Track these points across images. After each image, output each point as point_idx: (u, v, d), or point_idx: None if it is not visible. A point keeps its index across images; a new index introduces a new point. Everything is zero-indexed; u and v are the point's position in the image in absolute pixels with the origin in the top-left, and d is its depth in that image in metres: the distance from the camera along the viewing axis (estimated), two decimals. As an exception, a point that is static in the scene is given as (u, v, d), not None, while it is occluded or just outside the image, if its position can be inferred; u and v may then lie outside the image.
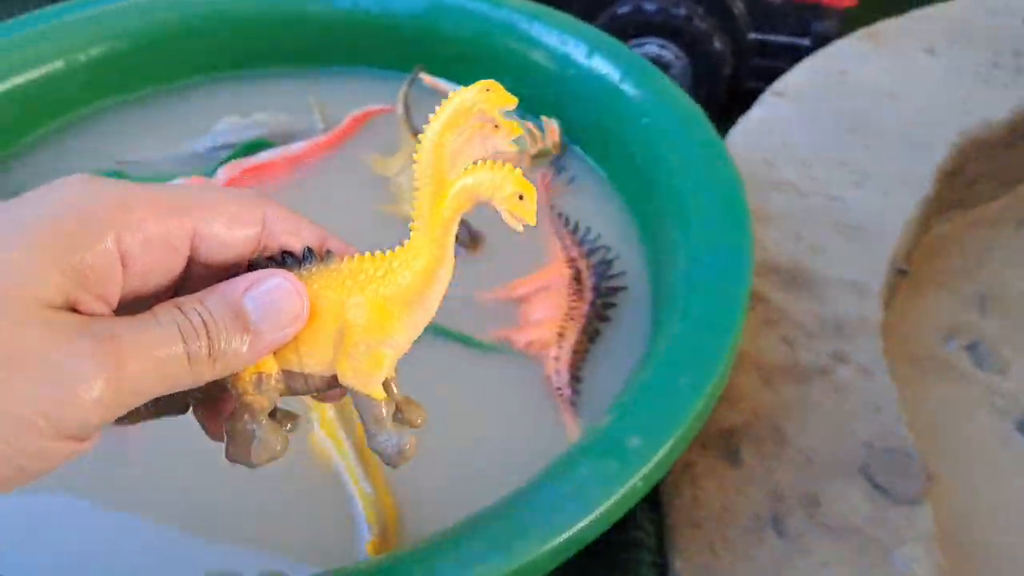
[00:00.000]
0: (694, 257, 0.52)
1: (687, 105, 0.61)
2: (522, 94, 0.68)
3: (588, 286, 0.59)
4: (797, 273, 0.63)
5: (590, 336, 0.56)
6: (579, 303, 0.57)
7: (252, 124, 0.72)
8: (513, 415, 0.53)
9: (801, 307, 0.60)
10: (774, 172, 0.70)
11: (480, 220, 0.62)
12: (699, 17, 0.82)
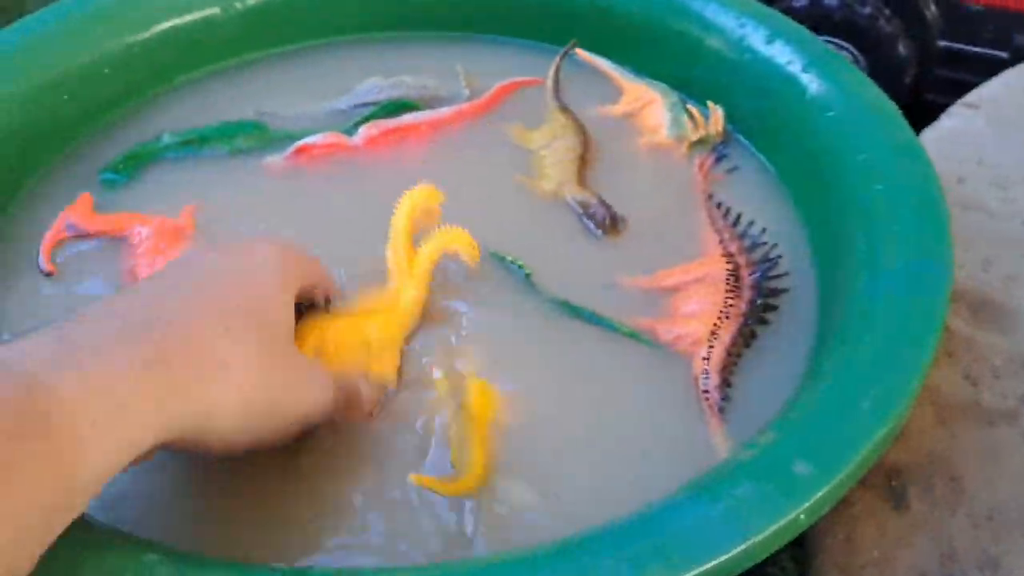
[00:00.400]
0: (883, 267, 0.46)
1: (881, 102, 0.54)
2: (689, 77, 0.66)
3: (747, 284, 0.52)
4: (986, 303, 0.55)
5: (746, 339, 0.50)
6: (737, 301, 0.51)
7: (396, 84, 0.69)
8: (653, 412, 0.46)
9: (989, 341, 0.53)
10: (965, 190, 0.62)
11: (626, 203, 0.57)
12: (885, 18, 0.75)
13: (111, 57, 0.65)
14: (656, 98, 0.65)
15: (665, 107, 0.64)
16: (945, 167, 0.64)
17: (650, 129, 0.64)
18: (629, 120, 0.65)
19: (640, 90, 0.66)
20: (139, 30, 0.66)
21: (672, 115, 0.63)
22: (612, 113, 0.66)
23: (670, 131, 0.63)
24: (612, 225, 0.55)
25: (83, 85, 0.63)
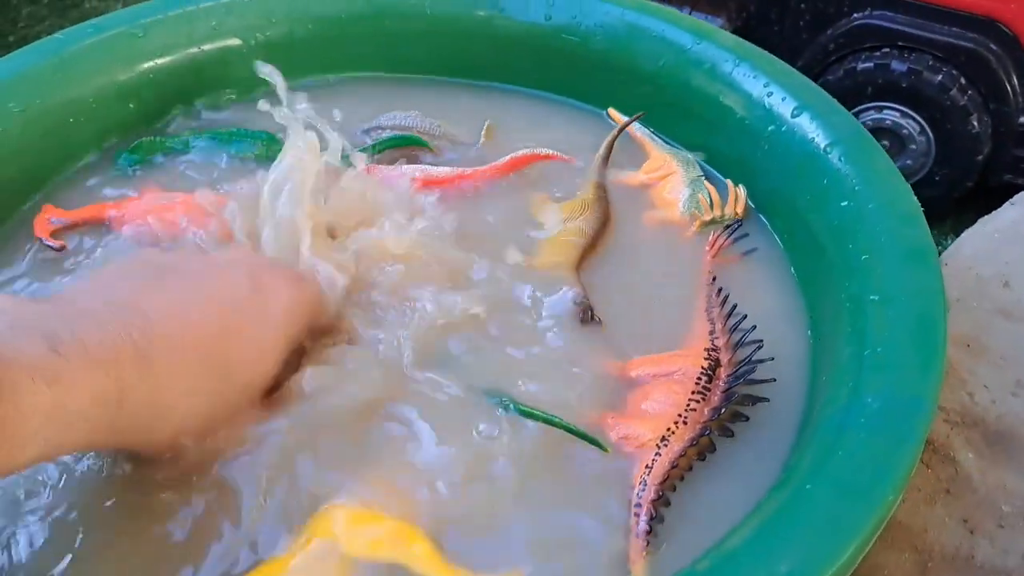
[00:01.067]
0: (861, 398, 0.40)
1: (902, 196, 0.48)
2: (709, 144, 0.61)
3: (720, 387, 0.46)
4: (1005, 435, 0.48)
5: (700, 451, 0.44)
6: (701, 406, 0.45)
7: (414, 117, 0.66)
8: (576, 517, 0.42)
9: (1000, 482, 0.46)
10: (1008, 295, 0.55)
11: (626, 278, 0.53)
12: (959, 88, 0.68)
13: (134, 83, 0.64)
14: (677, 171, 0.60)
15: (684, 182, 0.59)
16: (991, 267, 0.57)
17: (665, 203, 0.59)
18: (647, 190, 0.61)
19: (663, 160, 0.61)
20: (162, 56, 0.65)
21: (689, 191, 0.58)
22: (630, 182, 0.61)
23: (684, 208, 0.58)
24: (590, 318, 0.51)
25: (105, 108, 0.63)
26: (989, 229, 0.60)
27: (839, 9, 0.72)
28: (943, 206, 0.73)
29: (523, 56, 0.69)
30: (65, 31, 0.63)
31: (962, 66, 0.67)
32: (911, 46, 0.69)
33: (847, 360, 0.43)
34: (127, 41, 0.64)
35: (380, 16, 0.69)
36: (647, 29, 0.64)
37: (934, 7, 0.68)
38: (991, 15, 0.66)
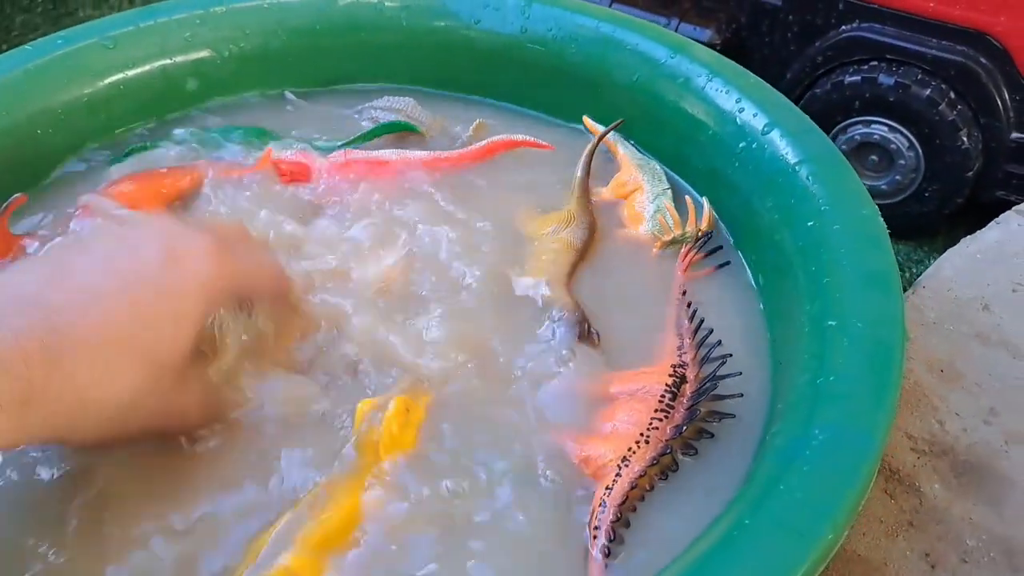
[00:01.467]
0: (809, 424, 0.38)
1: (869, 219, 0.46)
2: (680, 155, 0.60)
3: (684, 404, 0.45)
4: (976, 465, 0.46)
5: (662, 470, 0.42)
6: (663, 424, 0.44)
7: (411, 104, 0.66)
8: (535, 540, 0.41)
9: (966, 515, 0.44)
10: (987, 319, 0.53)
11: (601, 293, 0.53)
12: (948, 102, 0.66)
13: (103, 95, 0.64)
14: (643, 187, 0.59)
15: (648, 198, 0.58)
16: (971, 289, 0.55)
17: (630, 219, 0.58)
18: (616, 206, 0.60)
19: (632, 173, 0.60)
20: (132, 67, 0.65)
21: (653, 208, 0.57)
22: (601, 197, 0.60)
23: (647, 226, 0.57)
24: (589, 339, 0.49)
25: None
26: (972, 250, 0.58)
27: (827, 21, 0.71)
28: (934, 222, 0.71)
29: (500, 68, 0.68)
30: (35, 42, 0.63)
31: (951, 80, 0.65)
32: (899, 59, 0.67)
33: (803, 387, 0.42)
34: (97, 53, 0.63)
35: (355, 28, 0.68)
36: (622, 42, 0.62)
37: (923, 20, 0.66)
38: (981, 28, 0.64)
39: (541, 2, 0.65)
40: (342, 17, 0.68)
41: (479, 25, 0.67)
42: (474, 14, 0.67)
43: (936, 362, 0.51)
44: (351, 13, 0.68)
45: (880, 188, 0.71)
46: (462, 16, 0.67)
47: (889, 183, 0.71)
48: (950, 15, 0.65)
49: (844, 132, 0.72)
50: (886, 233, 0.46)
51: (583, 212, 0.58)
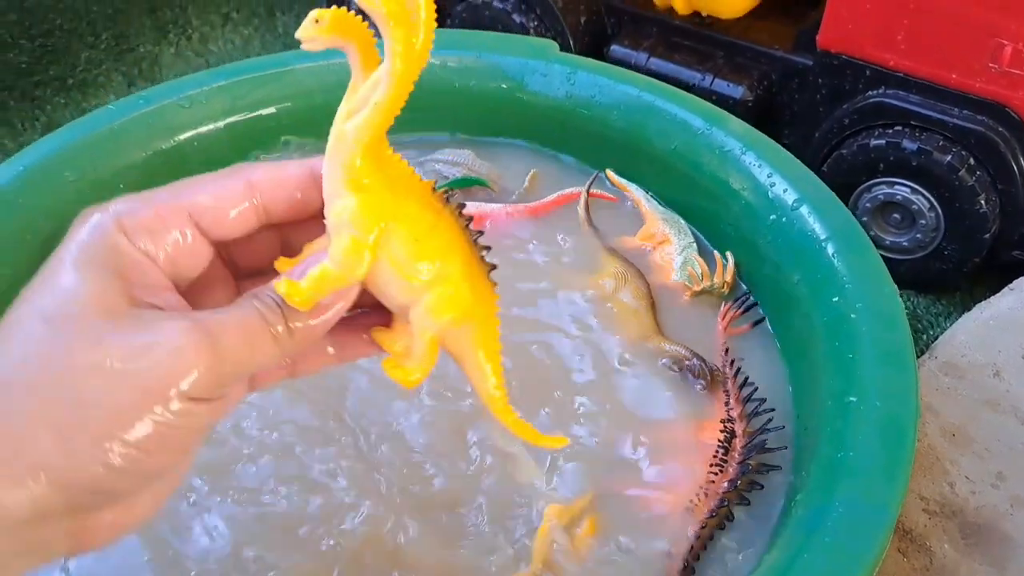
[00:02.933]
0: (830, 497, 0.43)
1: (888, 299, 0.51)
2: (715, 223, 0.64)
3: (736, 458, 0.50)
4: (983, 527, 0.51)
5: (721, 521, 0.48)
6: (719, 477, 0.50)
7: (471, 157, 0.71)
8: None
9: (972, 573, 0.49)
10: (997, 385, 0.57)
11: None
12: (967, 169, 0.70)
13: (179, 151, 0.69)
14: (670, 239, 0.63)
15: (676, 250, 0.63)
16: (983, 355, 0.59)
17: (660, 269, 0.63)
18: (644, 255, 0.65)
19: (657, 225, 0.65)
20: (204, 125, 0.70)
21: (681, 259, 0.62)
22: (627, 245, 0.65)
23: (677, 276, 0.62)
24: (712, 379, 0.55)
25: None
26: (985, 316, 0.62)
27: (855, 86, 0.75)
28: (952, 279, 0.75)
29: (546, 127, 0.72)
30: (117, 103, 0.68)
31: (971, 147, 0.69)
32: (923, 126, 0.71)
33: (824, 459, 0.46)
34: (173, 112, 0.69)
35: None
36: (662, 110, 0.67)
37: (946, 90, 0.70)
38: (1000, 100, 0.68)
39: (586, 70, 0.70)
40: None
41: (527, 88, 0.72)
42: (522, 78, 0.72)
43: (949, 427, 0.56)
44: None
45: (902, 244, 0.75)
46: (511, 79, 0.72)
47: (910, 240, 0.75)
48: (971, 87, 0.69)
49: (869, 191, 0.75)
50: (903, 312, 0.50)
51: (626, 264, 0.63)
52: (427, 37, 0.31)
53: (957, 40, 0.68)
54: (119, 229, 0.31)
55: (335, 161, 0.32)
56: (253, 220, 0.35)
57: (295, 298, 0.31)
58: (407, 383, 0.35)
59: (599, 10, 0.89)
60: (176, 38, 1.12)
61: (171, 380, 0.29)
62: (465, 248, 0.34)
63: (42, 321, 0.29)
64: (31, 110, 1.01)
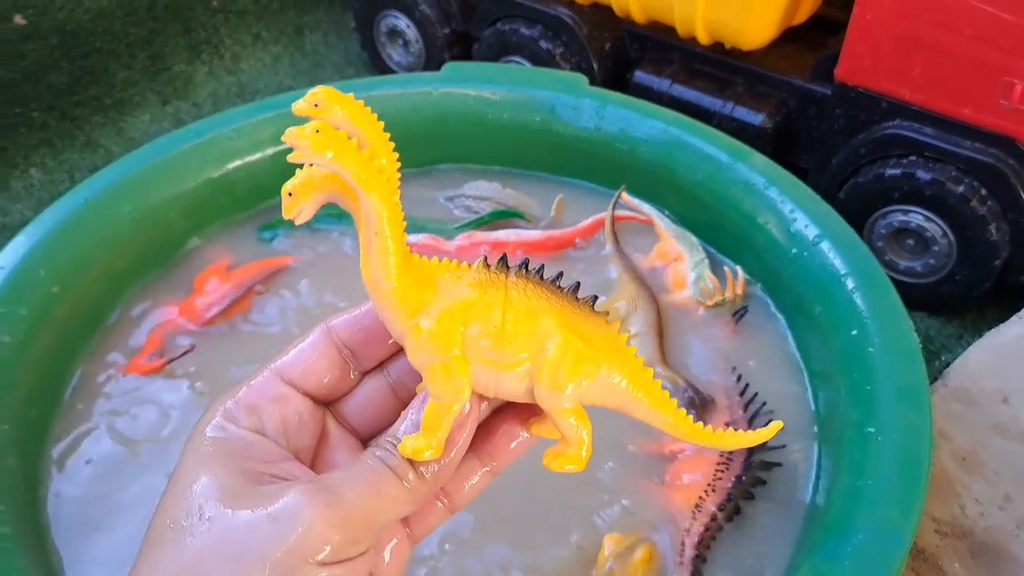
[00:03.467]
0: (849, 525, 0.46)
1: (905, 335, 0.54)
2: (737, 253, 0.68)
3: (739, 457, 0.54)
4: (991, 547, 0.54)
5: (729, 514, 0.53)
6: (725, 474, 0.54)
7: (498, 189, 0.74)
8: None
9: (982, 593, 0.52)
10: (1006, 411, 0.61)
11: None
12: (978, 199, 0.73)
13: (227, 180, 0.72)
14: (683, 256, 0.67)
15: (689, 267, 0.66)
16: (993, 382, 0.63)
17: (676, 286, 0.67)
18: (659, 272, 0.69)
19: (671, 244, 0.69)
20: (251, 154, 0.73)
21: (695, 275, 0.66)
22: (643, 264, 0.69)
23: (691, 291, 0.66)
24: (703, 409, 0.58)
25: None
26: (995, 343, 0.65)
27: (871, 117, 0.78)
28: (965, 303, 0.79)
29: (576, 157, 0.76)
30: (169, 135, 0.72)
31: (983, 178, 0.72)
32: (936, 157, 0.74)
33: (844, 487, 0.49)
34: (222, 143, 0.72)
35: (446, 121, 0.76)
36: (688, 144, 0.70)
37: (959, 123, 0.73)
38: (1010, 135, 0.71)
39: (615, 104, 0.73)
40: (434, 110, 0.76)
41: (558, 119, 0.75)
42: (553, 111, 0.75)
43: (960, 451, 0.59)
44: (441, 105, 0.77)
45: (915, 269, 0.79)
46: (543, 113, 0.75)
47: (923, 265, 0.78)
48: (983, 121, 0.72)
49: (884, 218, 0.79)
50: (919, 348, 0.54)
51: (642, 288, 0.66)
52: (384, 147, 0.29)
53: (970, 77, 0.71)
54: (225, 417, 0.32)
55: (381, 304, 0.31)
56: (344, 365, 0.34)
57: (423, 453, 0.30)
58: (578, 468, 0.32)
59: (623, 37, 0.93)
60: (209, 57, 1.16)
61: (298, 545, 0.29)
62: (552, 301, 0.32)
63: (172, 528, 0.29)
64: (71, 129, 1.04)
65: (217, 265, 0.70)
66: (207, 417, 0.32)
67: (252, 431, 0.32)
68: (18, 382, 0.56)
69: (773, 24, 0.83)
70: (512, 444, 0.34)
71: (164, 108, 1.10)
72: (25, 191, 0.97)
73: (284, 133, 0.27)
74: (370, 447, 0.32)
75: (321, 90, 0.28)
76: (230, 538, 0.29)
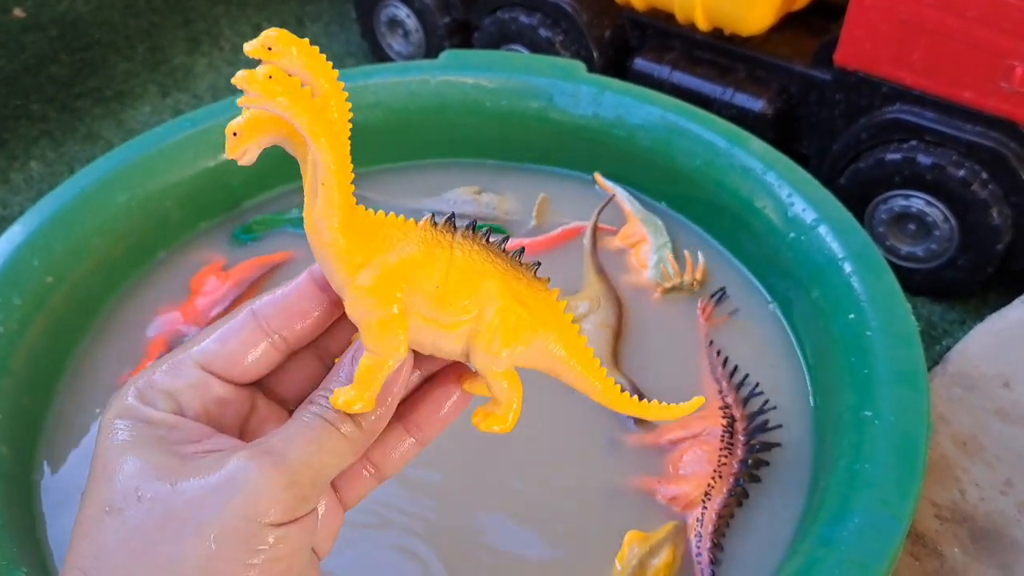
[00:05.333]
0: (846, 508, 0.46)
1: (902, 318, 0.53)
2: (739, 241, 0.67)
3: (740, 440, 0.54)
4: (992, 531, 0.53)
5: (738, 499, 0.52)
6: (729, 459, 0.53)
7: (475, 201, 0.73)
8: None
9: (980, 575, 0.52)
10: (1007, 396, 0.60)
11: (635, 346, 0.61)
12: (980, 183, 0.72)
13: (224, 170, 0.72)
14: (647, 239, 0.67)
15: (652, 249, 0.66)
16: (994, 367, 0.62)
17: (636, 268, 0.67)
18: (623, 254, 0.69)
19: (637, 227, 0.69)
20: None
21: (656, 258, 0.65)
22: (610, 246, 0.69)
23: (650, 274, 0.66)
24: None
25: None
26: (997, 327, 0.65)
27: (871, 102, 0.77)
28: (966, 287, 0.78)
29: (573, 145, 0.75)
30: (165, 125, 0.71)
31: (984, 162, 0.72)
32: (937, 141, 0.73)
33: (841, 471, 0.49)
34: (219, 132, 0.72)
35: (444, 109, 0.76)
36: (685, 130, 0.70)
37: (960, 107, 0.72)
38: (1011, 117, 0.70)
39: (613, 91, 0.73)
40: (433, 99, 0.76)
41: (555, 106, 0.74)
42: (551, 98, 0.74)
43: (960, 436, 0.58)
44: (442, 96, 0.76)
45: (917, 254, 0.78)
46: (540, 99, 0.75)
47: (925, 250, 0.78)
48: (984, 104, 0.71)
49: (885, 203, 0.78)
50: (917, 331, 0.53)
51: (608, 290, 0.66)
52: (337, 98, 0.28)
53: (970, 60, 0.70)
54: (142, 401, 0.31)
55: (322, 255, 0.30)
56: (273, 353, 0.33)
57: (354, 406, 0.30)
58: (504, 430, 0.33)
59: (623, 25, 0.92)
60: (209, 49, 1.15)
61: (249, 510, 0.28)
62: (495, 264, 0.31)
63: (109, 512, 0.29)
64: (71, 121, 1.05)
65: (213, 265, 0.69)
66: (119, 404, 0.31)
67: (171, 414, 0.31)
68: (12, 370, 0.56)
69: (772, 9, 0.82)
70: (440, 413, 0.34)
71: (164, 100, 1.10)
72: (25, 183, 0.98)
73: (234, 76, 0.26)
74: (303, 404, 0.32)
75: (276, 32, 0.27)
76: (176, 513, 0.28)
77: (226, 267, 0.69)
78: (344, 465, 0.31)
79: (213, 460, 0.29)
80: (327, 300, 0.32)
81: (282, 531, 0.29)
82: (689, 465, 0.54)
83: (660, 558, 0.49)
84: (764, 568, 0.49)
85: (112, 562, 0.28)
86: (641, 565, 0.49)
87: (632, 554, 0.49)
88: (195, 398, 0.32)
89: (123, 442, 0.30)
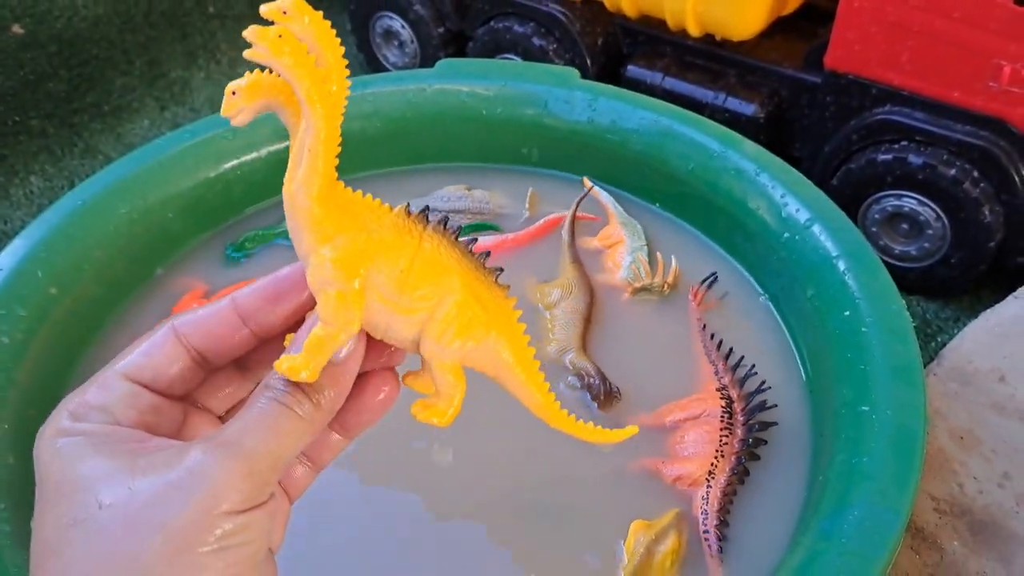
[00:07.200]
0: (844, 503, 0.46)
1: (897, 314, 0.54)
2: (733, 241, 0.68)
3: (739, 420, 0.55)
4: (990, 524, 0.54)
5: (740, 477, 0.53)
6: (730, 439, 0.54)
7: (468, 197, 0.74)
8: None
9: (981, 568, 0.52)
10: (1003, 390, 0.61)
11: (629, 335, 0.61)
12: (971, 181, 0.73)
13: (224, 179, 0.73)
14: (623, 240, 0.68)
15: (627, 251, 0.67)
16: (989, 361, 0.63)
17: (610, 268, 0.69)
18: (600, 254, 0.70)
19: (616, 229, 0.70)
20: (247, 153, 0.74)
21: (629, 260, 0.66)
22: (588, 246, 0.71)
23: (622, 274, 0.67)
24: (606, 400, 0.58)
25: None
26: (991, 323, 0.65)
27: (861, 104, 0.78)
28: (960, 285, 0.79)
29: (568, 150, 0.76)
30: (165, 136, 0.72)
31: (975, 161, 0.72)
32: (927, 141, 0.74)
33: (840, 465, 0.50)
34: (218, 143, 0.73)
35: (441, 117, 0.77)
36: (679, 134, 0.71)
37: (949, 107, 0.73)
38: (1000, 116, 0.71)
39: (607, 97, 0.74)
40: (431, 107, 0.77)
41: (550, 113, 0.75)
42: (545, 105, 0.75)
43: (957, 430, 0.59)
44: (440, 104, 0.77)
45: (910, 253, 0.79)
46: (535, 106, 0.76)
47: (918, 249, 0.78)
48: (973, 103, 0.72)
49: (877, 203, 0.79)
50: (912, 327, 0.54)
51: (582, 278, 0.67)
52: (339, 72, 0.29)
53: (959, 61, 0.71)
54: (75, 418, 0.31)
55: (294, 222, 0.30)
56: (196, 369, 0.33)
57: (299, 373, 0.30)
58: (442, 423, 0.33)
59: (615, 32, 0.93)
60: (206, 63, 1.16)
61: (210, 503, 0.29)
62: (460, 262, 0.32)
63: (72, 526, 0.29)
64: (69, 136, 1.05)
65: (193, 293, 0.69)
66: (53, 426, 0.31)
67: (107, 425, 0.31)
68: (17, 381, 0.57)
69: (762, 14, 0.83)
70: (364, 414, 0.34)
71: (162, 113, 1.11)
72: (25, 198, 0.98)
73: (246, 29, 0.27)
74: (258, 388, 0.32)
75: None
76: (138, 514, 0.28)
77: (208, 294, 0.68)
78: (303, 446, 0.32)
79: (170, 455, 0.29)
80: (247, 332, 0.33)
81: (244, 518, 0.29)
82: (691, 446, 0.55)
83: (666, 544, 0.49)
84: (767, 541, 0.50)
85: (80, 571, 0.28)
86: (648, 553, 0.49)
87: (639, 543, 0.49)
88: (129, 408, 0.32)
89: (71, 456, 0.30)
